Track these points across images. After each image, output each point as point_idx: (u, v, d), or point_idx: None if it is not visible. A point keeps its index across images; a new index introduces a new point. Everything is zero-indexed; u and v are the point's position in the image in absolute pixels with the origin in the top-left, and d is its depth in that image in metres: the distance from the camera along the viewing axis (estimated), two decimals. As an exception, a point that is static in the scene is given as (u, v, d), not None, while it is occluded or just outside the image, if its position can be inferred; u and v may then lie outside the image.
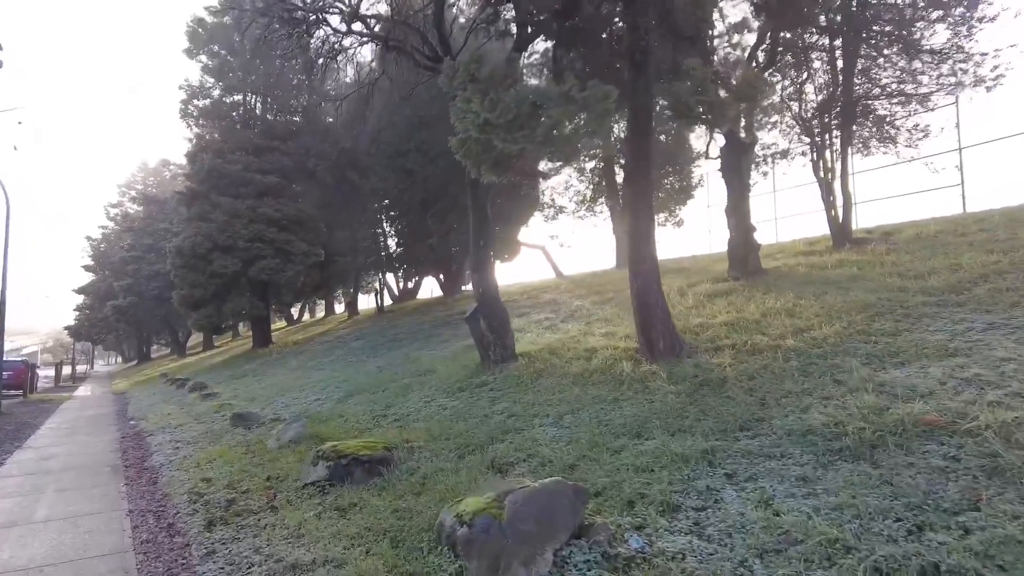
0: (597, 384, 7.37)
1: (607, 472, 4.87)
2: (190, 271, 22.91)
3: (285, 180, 24.24)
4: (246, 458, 7.82)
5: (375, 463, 5.95)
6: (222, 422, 11.05)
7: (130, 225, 43.78)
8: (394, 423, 8.20)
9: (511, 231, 23.27)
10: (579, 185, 23.21)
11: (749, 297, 10.28)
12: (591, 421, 6.20)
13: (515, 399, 7.65)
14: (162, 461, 8.45)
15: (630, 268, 7.86)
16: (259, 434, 9.36)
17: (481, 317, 9.46)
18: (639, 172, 7.60)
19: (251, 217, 22.73)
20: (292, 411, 10.83)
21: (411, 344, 15.74)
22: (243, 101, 25.32)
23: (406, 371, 11.93)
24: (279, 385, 14.65)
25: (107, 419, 14.48)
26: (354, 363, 15.29)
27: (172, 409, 14.34)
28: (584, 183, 23.12)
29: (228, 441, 9.21)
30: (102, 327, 47.52)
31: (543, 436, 6.07)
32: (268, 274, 22.53)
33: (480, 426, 6.92)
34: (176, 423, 11.92)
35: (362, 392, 11.04)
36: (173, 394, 18.03)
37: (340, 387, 12.16)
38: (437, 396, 9.05)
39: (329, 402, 10.98)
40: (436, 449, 6.43)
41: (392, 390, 10.40)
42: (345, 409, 9.87)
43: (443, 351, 13.31)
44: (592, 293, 16.02)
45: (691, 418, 5.66)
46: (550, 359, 9.00)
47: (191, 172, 23.81)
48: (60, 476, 7.99)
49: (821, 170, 14.65)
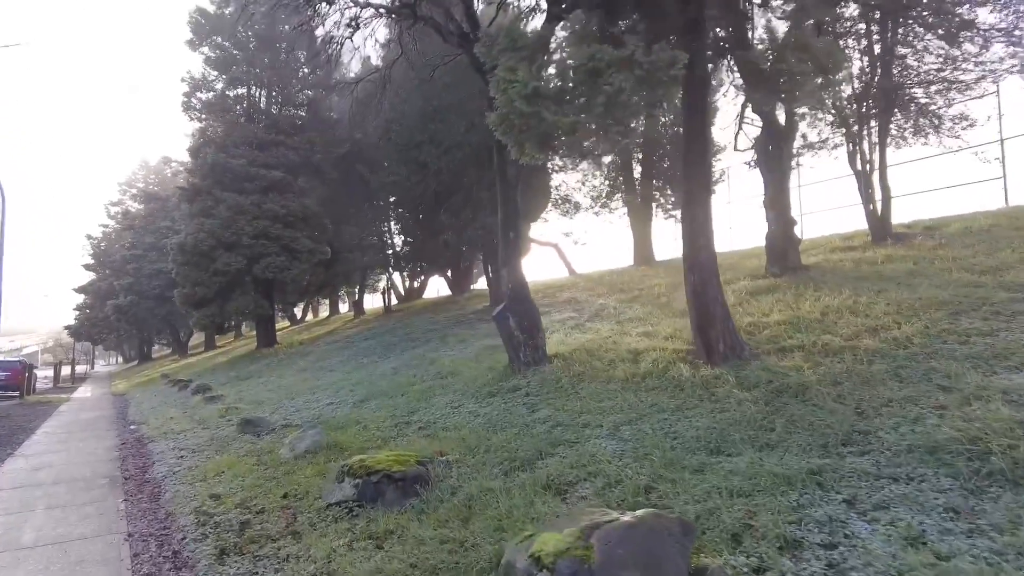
0: (652, 390, 6.60)
1: (695, 497, 4.10)
2: (193, 269, 22.15)
3: (290, 175, 23.49)
4: (258, 470, 7.06)
5: (410, 481, 5.19)
6: (229, 428, 10.29)
7: (131, 223, 43.02)
8: (421, 432, 7.43)
9: (522, 228, 22.51)
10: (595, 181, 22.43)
11: (798, 294, 9.52)
12: (656, 433, 5.43)
13: (557, 406, 6.88)
14: (165, 472, 7.69)
15: (685, 261, 7.10)
16: (270, 442, 8.60)
17: (511, 315, 8.70)
18: (695, 154, 6.83)
19: (256, 213, 21.97)
20: (304, 416, 10.07)
21: (425, 344, 14.98)
22: (247, 94, 24.58)
23: (425, 373, 11.17)
24: (287, 388, 13.89)
25: (106, 423, 13.72)
26: (366, 364, 14.53)
27: (175, 413, 13.58)
28: (600, 179, 22.35)
29: (236, 450, 8.45)
30: (102, 327, 46.76)
31: (601, 450, 5.31)
32: (273, 272, 21.76)
33: (522, 437, 6.15)
34: (179, 428, 11.16)
35: (379, 396, 10.27)
36: (175, 396, 17.28)
37: (354, 390, 11.39)
38: (465, 401, 8.28)
39: (344, 407, 10.22)
40: (476, 464, 5.67)
41: (413, 394, 9.63)
42: (363, 415, 9.11)
43: (462, 352, 12.55)
44: (614, 291, 15.26)
45: (779, 430, 4.89)
46: (589, 361, 8.23)
47: (193, 167, 23.06)
48: (52, 490, 7.22)
49: (858, 162, 13.92)
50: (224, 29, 23.87)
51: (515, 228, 8.84)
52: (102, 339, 51.64)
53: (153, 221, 41.14)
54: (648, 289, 13.96)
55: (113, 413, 15.89)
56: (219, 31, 23.99)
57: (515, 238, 8.87)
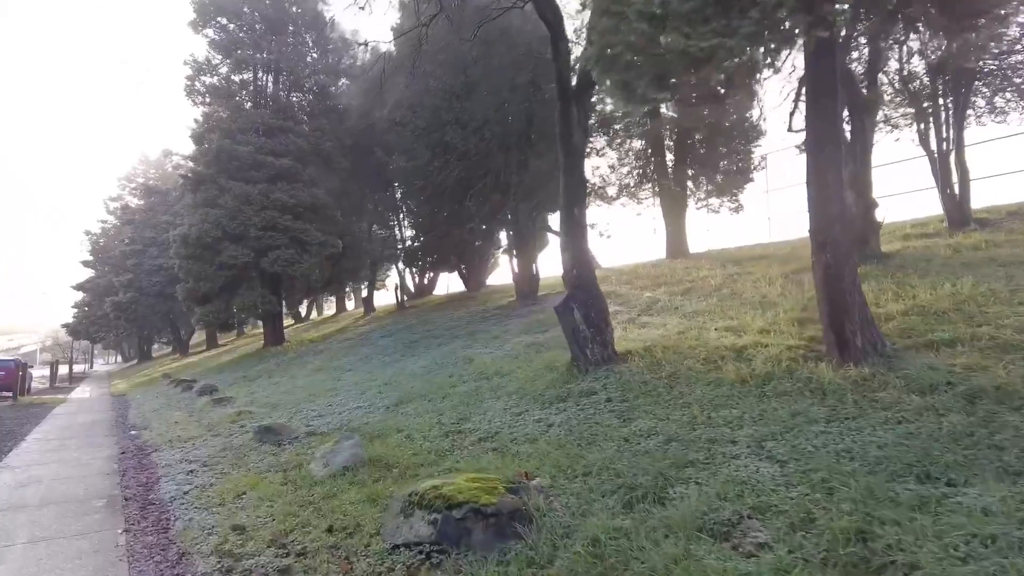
0: (783, 395, 5.32)
1: (949, 551, 2.83)
2: (196, 262, 20.85)
3: (299, 164, 22.19)
4: (288, 492, 5.79)
5: (505, 517, 3.91)
6: (243, 436, 9.01)
7: (130, 217, 41.70)
8: (482, 445, 6.15)
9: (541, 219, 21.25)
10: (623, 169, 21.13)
11: (899, 282, 8.28)
12: (820, 451, 4.16)
13: (659, 415, 5.60)
14: (173, 492, 6.41)
15: (813, 237, 5.83)
16: (295, 454, 7.33)
17: (576, 307, 7.43)
18: (824, 102, 5.57)
19: (263, 203, 20.68)
20: (330, 423, 8.79)
21: (452, 342, 13.71)
22: (253, 79, 23.27)
23: (462, 373, 9.90)
24: (304, 389, 12.61)
25: (104, 428, 12.44)
26: (389, 363, 13.25)
27: (179, 416, 12.31)
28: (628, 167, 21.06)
29: (256, 464, 7.18)
30: (101, 325, 45.41)
31: (751, 474, 4.04)
32: (282, 265, 20.47)
33: (627, 455, 4.88)
34: (186, 435, 9.89)
35: (416, 399, 9.00)
36: (179, 398, 16.00)
37: (384, 392, 10.12)
38: (528, 407, 7.00)
39: (376, 411, 8.94)
40: (580, 492, 4.39)
41: (456, 397, 8.36)
42: (402, 422, 7.83)
43: (498, 350, 11.29)
44: (656, 284, 14.01)
45: (1016, 450, 3.62)
46: (677, 360, 6.95)
47: (197, 154, 21.77)
48: (38, 515, 5.94)
49: (932, 142, 12.66)
50: (230, 9, 22.60)
51: (580, 204, 7.56)
52: (101, 338, 50.27)
53: (153, 215, 39.86)
54: (700, 281, 12.69)
55: (112, 416, 14.60)
56: (224, 11, 22.71)
57: (580, 215, 7.59)
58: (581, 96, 7.31)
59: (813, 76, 5.62)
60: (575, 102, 7.28)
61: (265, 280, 22.04)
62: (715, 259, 15.53)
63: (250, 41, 22.93)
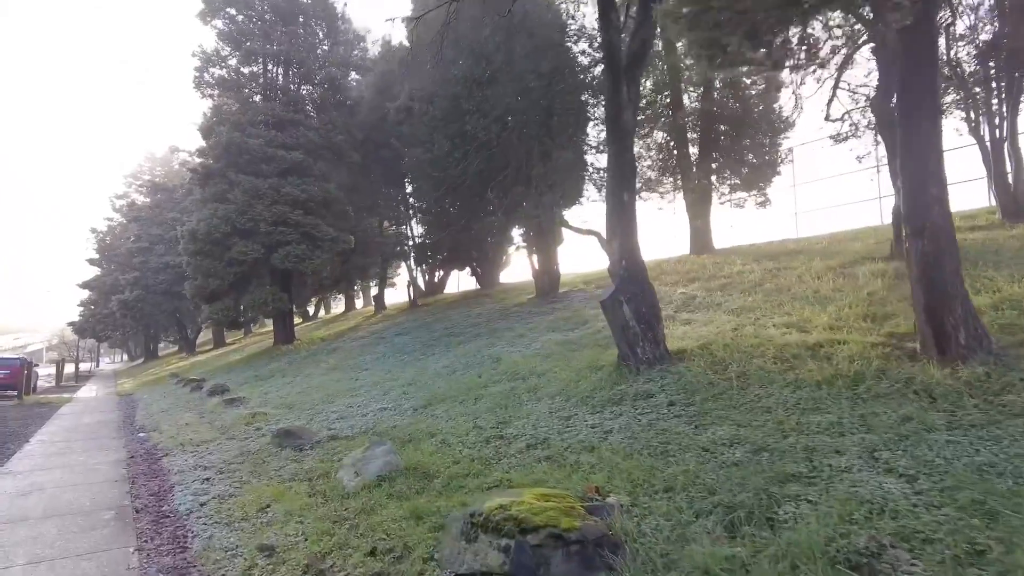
0: (880, 397, 4.70)
1: None
2: (205, 258, 20.29)
3: (310, 158, 21.61)
4: (318, 505, 5.19)
5: (591, 544, 3.29)
6: (260, 439, 8.43)
7: (137, 215, 41.22)
8: (532, 452, 5.54)
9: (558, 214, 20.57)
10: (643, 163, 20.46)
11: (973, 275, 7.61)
12: (951, 464, 3.53)
13: (738, 420, 4.98)
14: (189, 504, 5.81)
15: (908, 221, 5.21)
16: (319, 460, 6.74)
17: (625, 301, 6.80)
18: (925, 70, 4.94)
19: (274, 198, 20.10)
20: (354, 425, 8.19)
21: (474, 340, 13.10)
22: (263, 71, 22.69)
23: (492, 373, 9.28)
24: (320, 389, 12.02)
25: (111, 429, 11.89)
26: (409, 362, 12.65)
27: (190, 418, 11.74)
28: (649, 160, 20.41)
29: (278, 471, 6.59)
30: (107, 323, 44.99)
31: (873, 491, 3.42)
32: (293, 262, 19.88)
33: (710, 467, 4.26)
34: (199, 438, 9.31)
35: (444, 400, 8.39)
36: (188, 398, 15.45)
37: (408, 393, 9.53)
38: (575, 410, 6.39)
39: (403, 413, 8.34)
40: (665, 511, 3.77)
41: (490, 399, 7.75)
42: (434, 425, 7.22)
43: (526, 348, 10.68)
44: (688, 280, 13.38)
45: None
46: (741, 359, 6.32)
47: (206, 147, 21.23)
48: (40, 530, 5.36)
49: (983, 129, 11.99)
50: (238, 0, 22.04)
51: (630, 188, 6.93)
52: (107, 336, 49.86)
53: (160, 213, 39.39)
54: (738, 276, 12.06)
55: (119, 417, 14.06)
56: (233, 2, 22.15)
57: (630, 201, 6.96)
58: (632, 70, 6.69)
59: (910, 41, 4.98)
60: (625, 77, 6.66)
61: (275, 277, 21.48)
62: (745, 254, 14.88)
63: (260, 32, 22.36)
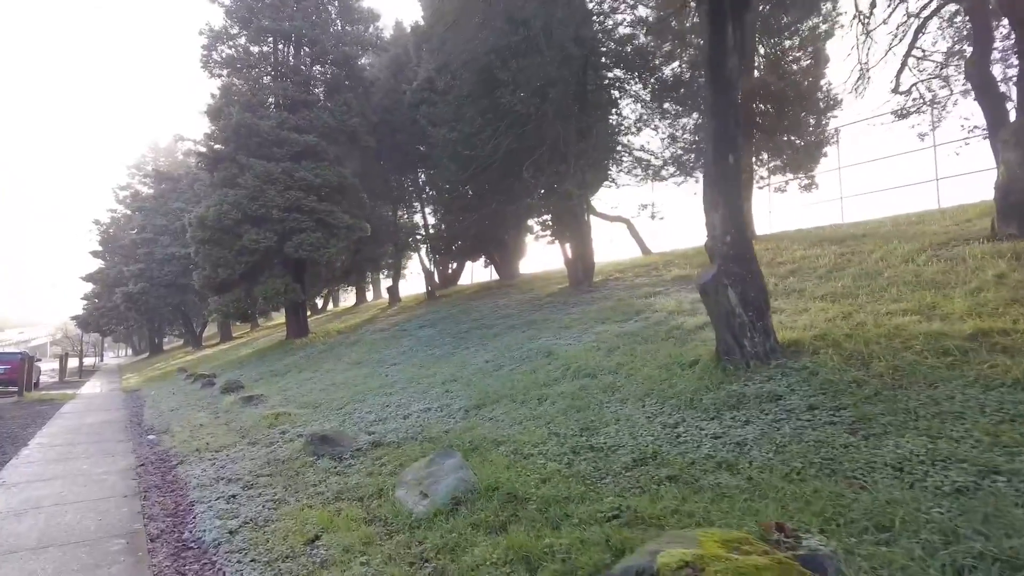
0: None
1: None
2: (215, 247, 19.18)
3: (324, 141, 20.46)
4: (383, 539, 4.11)
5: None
6: (288, 445, 7.36)
7: (141, 204, 40.14)
8: (644, 470, 4.43)
9: (743, 155, 19.09)
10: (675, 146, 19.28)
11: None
12: None
13: (920, 428, 3.87)
14: (216, 532, 4.73)
15: None
16: (367, 473, 5.66)
17: (730, 284, 5.68)
18: None
19: (287, 183, 18.96)
20: (398, 430, 7.10)
21: (511, 332, 12.01)
22: (274, 49, 21.49)
23: (549, 369, 8.18)
24: (347, 386, 10.95)
25: (117, 430, 10.84)
26: (442, 356, 11.56)
27: (204, 418, 10.68)
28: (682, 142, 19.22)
29: (318, 487, 5.51)
30: (111, 317, 44.00)
31: None
32: (308, 250, 18.76)
33: (925, 495, 3.15)
34: (217, 443, 8.24)
35: (500, 400, 7.30)
36: (199, 395, 14.40)
37: (452, 391, 8.43)
38: (681, 415, 5.28)
39: (452, 415, 7.25)
40: (903, 565, 2.66)
41: (559, 400, 6.65)
42: (497, 431, 6.13)
43: (578, 341, 9.58)
44: None
45: None
46: (882, 353, 5.19)
47: (215, 130, 20.09)
48: (34, 565, 4.29)
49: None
50: (247, -26, 20.85)
51: (735, 150, 5.78)
52: (111, 330, 48.89)
53: (165, 202, 38.33)
54: (804, 262, 10.94)
55: (125, 416, 13.02)
56: (241, -23, 20.95)
57: (736, 166, 5.81)
58: (740, 8, 5.54)
59: None
60: (731, 17, 5.52)
61: (288, 267, 20.37)
62: (799, 240, 13.72)
63: (270, 9, 21.18)
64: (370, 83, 22.61)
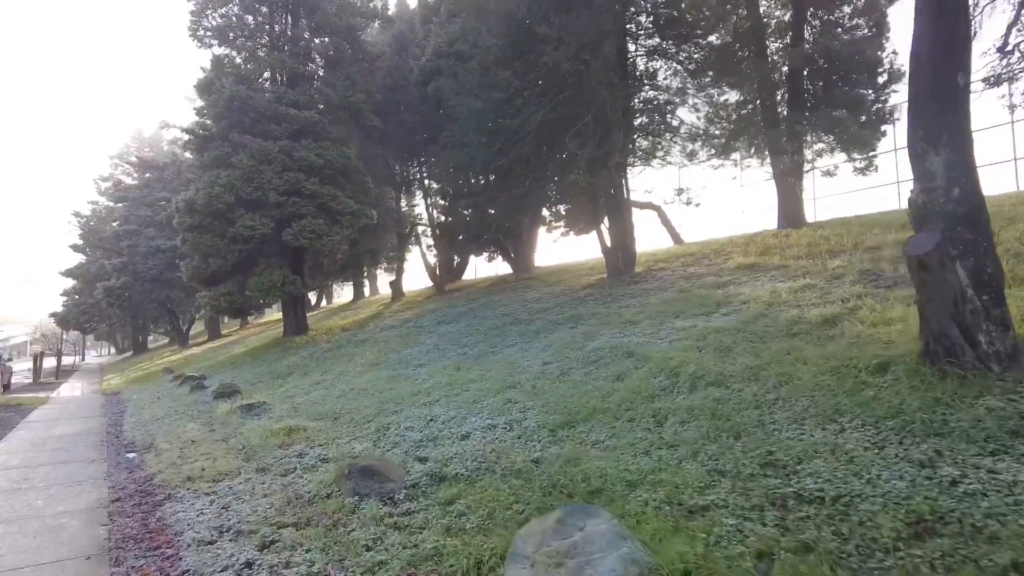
0: None
1: None
2: (205, 233, 17.18)
3: (325, 118, 18.53)
4: None
5: None
6: (311, 474, 5.56)
7: (124, 194, 37.85)
8: (932, 547, 2.68)
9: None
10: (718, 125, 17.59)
11: None
12: None
13: None
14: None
15: None
16: (442, 530, 3.88)
17: (959, 256, 3.96)
18: None
19: (285, 163, 17.01)
20: (460, 454, 5.31)
21: (559, 329, 10.27)
22: (269, 19, 19.49)
23: (640, 375, 6.44)
24: (369, 392, 9.12)
25: (90, 445, 8.95)
26: (479, 357, 9.78)
27: (196, 431, 8.81)
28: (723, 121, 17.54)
29: (371, 550, 3.75)
30: (92, 314, 41.60)
31: None
32: (309, 238, 16.82)
33: None
34: (214, 467, 6.40)
35: (595, 415, 5.55)
36: (189, 401, 12.49)
37: (518, 401, 6.65)
38: (921, 445, 3.54)
39: (531, 437, 5.48)
40: None
41: (691, 419, 4.91)
42: (617, 464, 4.36)
43: (656, 338, 7.88)
44: (810, 255, 10.63)
45: None
46: None
47: (205, 106, 18.04)
48: None
49: None
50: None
51: (965, 67, 4.06)
52: (92, 328, 46.41)
53: (150, 192, 36.12)
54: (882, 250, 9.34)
55: (102, 425, 11.10)
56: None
57: (965, 89, 4.09)
58: None
59: None
60: None
61: (286, 256, 18.43)
62: (872, 225, 12.06)
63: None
64: (375, 57, 20.69)
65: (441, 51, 17.64)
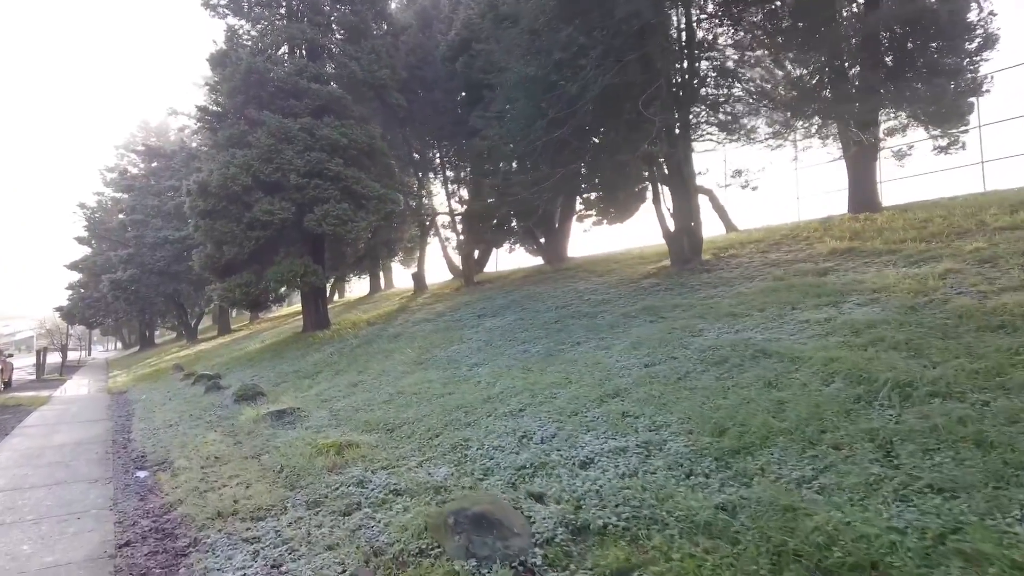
0: None
1: None
2: (219, 219, 15.75)
3: (349, 95, 17.06)
4: None
5: None
6: (386, 513, 4.17)
7: (130, 184, 36.51)
8: None
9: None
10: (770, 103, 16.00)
11: None
12: None
13: None
14: None
15: None
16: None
17: None
18: None
19: (307, 142, 15.56)
20: (584, 492, 3.87)
21: (636, 323, 8.82)
22: (286, -10, 18.06)
23: (799, 381, 5.00)
24: (424, 397, 7.66)
25: (93, 459, 7.55)
26: (551, 355, 8.32)
27: (218, 443, 7.40)
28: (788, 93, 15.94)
29: None
30: (98, 308, 40.39)
31: None
32: (333, 224, 15.36)
33: None
34: (251, 500, 4.97)
35: (768, 438, 4.12)
36: (204, 403, 11.08)
37: (640, 415, 5.19)
38: None
39: (684, 465, 4.03)
40: None
41: (933, 445, 3.43)
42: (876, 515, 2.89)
43: (788, 335, 6.40)
44: (923, 238, 9.15)
45: None
46: None
47: (219, 80, 16.60)
48: None
49: None
50: None
51: None
52: (98, 322, 45.22)
53: (157, 181, 34.78)
54: None
55: (107, 431, 9.72)
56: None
57: None
58: None
59: None
60: None
61: (307, 244, 17.00)
62: (965, 208, 10.52)
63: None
64: (400, 30, 19.19)
65: (472, 22, 16.12)
